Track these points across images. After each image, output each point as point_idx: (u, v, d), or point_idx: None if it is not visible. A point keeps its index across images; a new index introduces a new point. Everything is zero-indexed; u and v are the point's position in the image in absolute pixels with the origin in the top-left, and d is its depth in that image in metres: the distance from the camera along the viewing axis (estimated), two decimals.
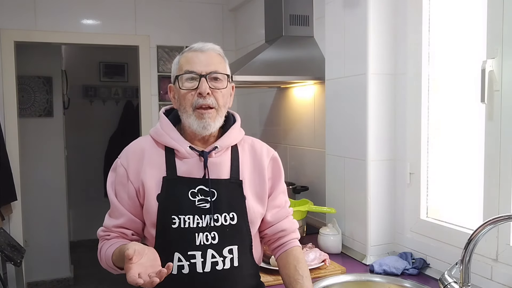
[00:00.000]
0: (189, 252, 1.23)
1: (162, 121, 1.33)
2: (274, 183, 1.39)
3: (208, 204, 1.25)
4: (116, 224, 1.30)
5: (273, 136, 2.94)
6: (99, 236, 1.33)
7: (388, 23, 1.81)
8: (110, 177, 1.33)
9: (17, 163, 3.12)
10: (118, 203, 1.29)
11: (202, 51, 1.28)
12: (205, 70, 1.25)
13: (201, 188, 1.26)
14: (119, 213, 1.29)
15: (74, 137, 5.09)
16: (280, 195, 1.40)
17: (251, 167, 1.35)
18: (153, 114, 3.42)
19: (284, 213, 1.41)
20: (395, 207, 1.86)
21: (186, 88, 1.26)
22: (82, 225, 5.18)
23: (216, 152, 1.29)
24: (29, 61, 3.93)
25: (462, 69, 1.59)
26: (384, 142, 1.83)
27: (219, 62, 1.29)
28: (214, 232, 1.24)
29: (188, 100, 1.26)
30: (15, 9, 3.05)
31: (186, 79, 1.26)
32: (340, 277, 1.64)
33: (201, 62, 1.26)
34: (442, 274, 1.30)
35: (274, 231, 1.39)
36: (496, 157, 1.40)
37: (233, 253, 1.26)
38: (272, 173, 1.38)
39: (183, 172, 1.27)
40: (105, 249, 1.27)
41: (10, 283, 3.04)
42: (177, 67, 1.30)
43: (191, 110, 1.26)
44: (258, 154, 1.37)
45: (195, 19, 3.48)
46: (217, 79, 1.27)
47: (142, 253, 1.07)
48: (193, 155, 1.28)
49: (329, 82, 2.08)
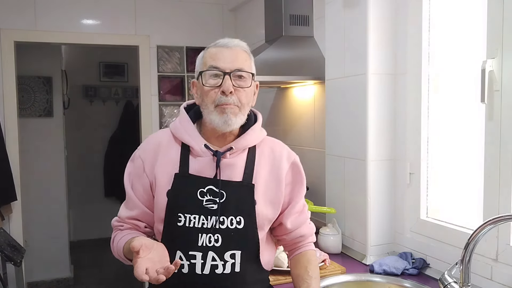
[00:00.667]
0: (190, 252, 1.21)
1: (181, 116, 1.31)
2: (294, 189, 1.35)
3: (216, 205, 1.22)
4: (130, 215, 1.29)
5: (273, 136, 2.92)
6: (113, 225, 1.33)
7: (388, 23, 1.81)
8: (128, 167, 1.32)
9: (17, 163, 3.12)
10: (133, 194, 1.29)
11: (228, 47, 1.24)
12: (229, 67, 1.21)
13: (211, 188, 1.23)
14: (134, 205, 1.29)
15: (74, 137, 5.09)
16: (300, 201, 1.37)
17: (268, 171, 1.30)
18: (153, 114, 3.42)
19: (303, 218, 1.38)
20: (395, 207, 1.86)
21: (209, 85, 1.22)
22: (82, 225, 5.19)
23: (231, 153, 1.26)
24: (29, 61, 3.93)
25: (462, 69, 1.59)
26: (384, 142, 1.83)
27: (245, 60, 1.26)
28: (218, 234, 1.22)
29: (210, 97, 1.22)
30: (15, 9, 3.05)
31: (210, 76, 1.23)
32: (340, 277, 1.64)
33: (225, 58, 1.22)
34: (442, 274, 1.30)
35: (293, 237, 1.37)
36: (496, 157, 1.40)
37: (235, 258, 1.23)
38: (292, 178, 1.34)
39: (195, 170, 1.24)
40: (117, 240, 1.26)
41: (10, 283, 3.04)
42: (201, 62, 1.27)
43: (213, 107, 1.22)
44: (277, 158, 1.33)
45: (195, 19, 3.47)
46: (241, 77, 1.23)
47: (151, 247, 1.06)
48: (207, 153, 1.25)
49: (329, 82, 2.08)
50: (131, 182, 1.30)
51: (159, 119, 3.43)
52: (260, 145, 1.33)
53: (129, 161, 1.33)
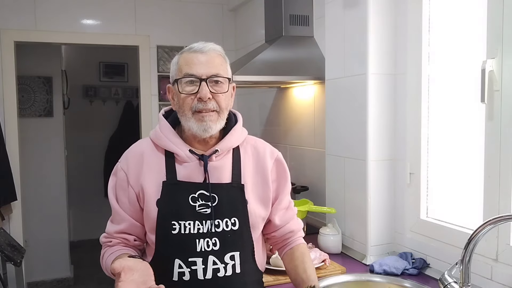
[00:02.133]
0: (190, 259, 1.20)
1: (161, 123, 1.30)
2: (280, 185, 1.36)
3: (209, 209, 1.22)
4: (118, 229, 1.27)
5: (273, 136, 2.94)
6: (102, 242, 1.30)
7: (388, 23, 1.81)
8: (111, 181, 1.30)
9: (17, 163, 3.12)
10: (119, 208, 1.27)
11: (203, 52, 1.22)
12: (205, 74, 1.20)
13: (202, 193, 1.22)
14: (121, 218, 1.27)
15: (74, 137, 5.09)
16: (286, 197, 1.38)
17: (253, 170, 1.31)
18: (153, 114, 3.42)
19: (291, 214, 1.39)
20: (395, 207, 1.86)
21: (186, 93, 1.21)
22: (82, 225, 5.19)
23: (217, 156, 1.26)
24: (29, 61, 3.93)
25: (462, 69, 1.59)
26: (384, 142, 1.83)
27: (220, 64, 1.24)
28: (215, 238, 1.21)
29: (187, 104, 1.21)
30: (15, 9, 3.05)
31: (186, 83, 1.21)
32: (340, 277, 1.64)
33: (201, 64, 1.20)
34: (442, 274, 1.30)
35: (282, 233, 1.37)
36: (496, 157, 1.40)
37: (235, 260, 1.23)
38: (277, 175, 1.35)
39: (183, 176, 1.23)
40: (106, 257, 1.25)
41: (10, 283, 3.04)
42: (176, 68, 1.25)
43: (191, 113, 1.21)
44: (261, 156, 1.33)
45: (195, 19, 3.48)
46: (218, 82, 1.22)
47: (134, 268, 1.03)
48: (193, 159, 1.24)
49: (329, 82, 2.08)
50: (116, 196, 1.28)
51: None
52: (243, 144, 1.33)
53: (111, 175, 1.31)
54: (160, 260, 1.13)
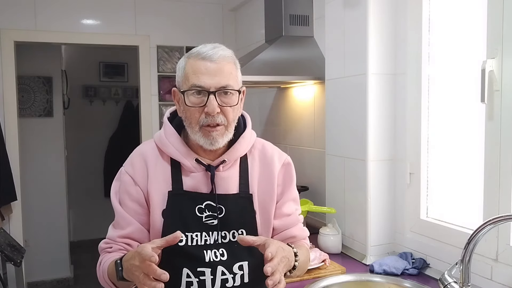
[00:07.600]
0: (199, 269, 1.16)
1: (166, 128, 1.24)
2: (284, 190, 1.29)
3: (216, 220, 1.18)
4: (122, 234, 1.20)
5: (273, 136, 2.94)
6: (101, 249, 1.24)
7: (388, 23, 1.81)
8: (114, 186, 1.25)
9: (17, 163, 3.12)
10: (124, 212, 1.21)
11: (212, 60, 1.13)
12: (214, 85, 1.12)
13: (209, 204, 1.18)
14: (126, 223, 1.20)
15: (74, 137, 5.10)
16: (288, 203, 1.30)
17: (261, 176, 1.26)
18: (153, 114, 3.42)
19: (294, 220, 1.31)
20: (395, 207, 1.86)
21: (192, 105, 1.14)
22: (82, 225, 5.20)
23: (224, 166, 1.21)
24: (29, 61, 3.93)
25: (462, 69, 1.59)
26: (384, 142, 1.83)
27: (230, 73, 1.15)
28: (222, 249, 1.18)
29: (194, 117, 1.14)
30: (15, 9, 3.05)
31: (193, 94, 1.14)
32: (340, 277, 1.64)
33: (209, 74, 1.12)
34: (442, 274, 1.29)
35: (282, 238, 1.28)
36: (496, 157, 1.40)
37: (243, 270, 1.19)
38: (283, 179, 1.29)
39: (189, 186, 1.19)
40: (103, 263, 1.19)
41: (10, 283, 3.04)
42: (183, 74, 1.17)
43: (198, 127, 1.15)
44: (269, 161, 1.27)
45: (195, 19, 3.48)
46: (227, 93, 1.14)
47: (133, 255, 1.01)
48: (199, 169, 1.20)
49: (329, 82, 2.08)
50: (120, 200, 1.22)
51: (159, 119, 3.43)
52: (251, 150, 1.27)
53: (114, 180, 1.26)
54: (167, 269, 1.09)
